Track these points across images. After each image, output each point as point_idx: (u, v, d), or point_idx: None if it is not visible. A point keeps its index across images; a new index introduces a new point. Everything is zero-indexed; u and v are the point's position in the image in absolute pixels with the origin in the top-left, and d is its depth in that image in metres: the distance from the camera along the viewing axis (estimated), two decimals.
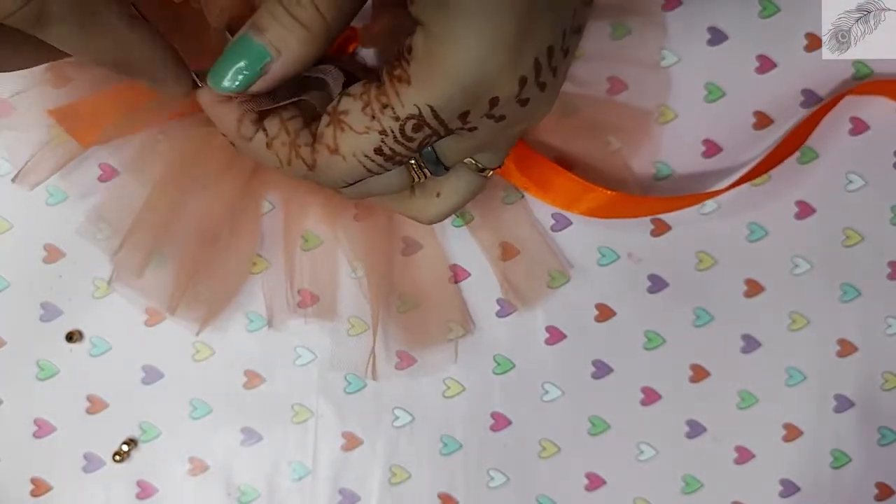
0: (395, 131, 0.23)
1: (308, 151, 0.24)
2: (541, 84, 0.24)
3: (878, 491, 0.39)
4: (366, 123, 0.23)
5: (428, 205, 0.29)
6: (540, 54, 0.23)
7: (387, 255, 0.37)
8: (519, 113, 0.24)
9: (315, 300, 0.37)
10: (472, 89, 0.23)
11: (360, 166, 0.24)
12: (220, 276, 0.36)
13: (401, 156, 0.24)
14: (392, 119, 0.23)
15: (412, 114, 0.23)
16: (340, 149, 0.24)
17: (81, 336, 0.37)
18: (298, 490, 0.38)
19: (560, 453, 0.39)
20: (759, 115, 0.38)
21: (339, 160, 0.24)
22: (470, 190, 0.29)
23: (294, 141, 0.25)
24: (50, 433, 0.38)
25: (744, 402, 0.39)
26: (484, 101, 0.23)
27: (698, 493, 0.39)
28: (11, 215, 0.37)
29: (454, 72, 0.22)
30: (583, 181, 0.36)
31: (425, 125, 0.23)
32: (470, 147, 0.26)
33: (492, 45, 0.22)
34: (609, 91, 0.37)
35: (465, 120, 0.24)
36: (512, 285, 0.38)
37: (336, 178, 0.25)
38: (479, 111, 0.23)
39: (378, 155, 0.24)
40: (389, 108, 0.23)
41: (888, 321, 0.39)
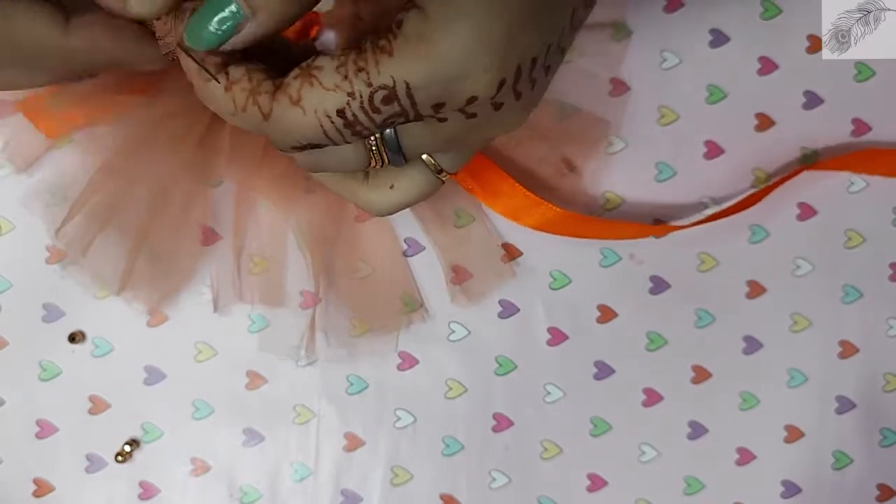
0: (363, 96, 0.23)
1: (267, 99, 0.24)
2: (517, 92, 0.24)
3: (880, 492, 0.39)
4: (336, 81, 0.23)
5: (380, 195, 0.29)
6: (523, 62, 0.23)
7: (335, 227, 0.37)
8: (491, 116, 0.24)
9: (260, 285, 0.37)
10: (452, 80, 0.23)
11: (317, 125, 0.23)
12: (170, 256, 0.36)
13: (362, 126, 0.24)
14: (364, 84, 0.23)
15: (386, 84, 0.23)
16: (303, 101, 0.23)
17: (84, 337, 0.37)
18: (300, 491, 0.38)
19: (562, 454, 0.39)
20: (760, 117, 0.38)
21: (299, 113, 0.23)
22: (424, 189, 0.29)
23: (255, 88, 0.24)
24: (52, 434, 0.38)
25: (745, 403, 0.39)
26: (461, 95, 0.23)
27: (700, 494, 0.39)
28: (13, 216, 0.37)
29: (440, 58, 0.22)
30: (532, 195, 0.36)
31: (396, 100, 0.23)
32: (434, 141, 0.26)
33: (482, 41, 0.22)
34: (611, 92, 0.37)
35: (437, 109, 0.23)
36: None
37: (289, 131, 0.24)
38: (454, 104, 0.23)
39: (339, 117, 0.23)
40: (364, 72, 0.23)
41: (889, 322, 0.39)
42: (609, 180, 0.38)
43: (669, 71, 0.38)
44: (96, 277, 0.36)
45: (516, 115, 0.25)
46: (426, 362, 0.38)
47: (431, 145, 0.26)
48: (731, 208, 0.37)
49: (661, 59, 0.38)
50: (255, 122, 0.24)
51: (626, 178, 0.38)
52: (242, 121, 0.24)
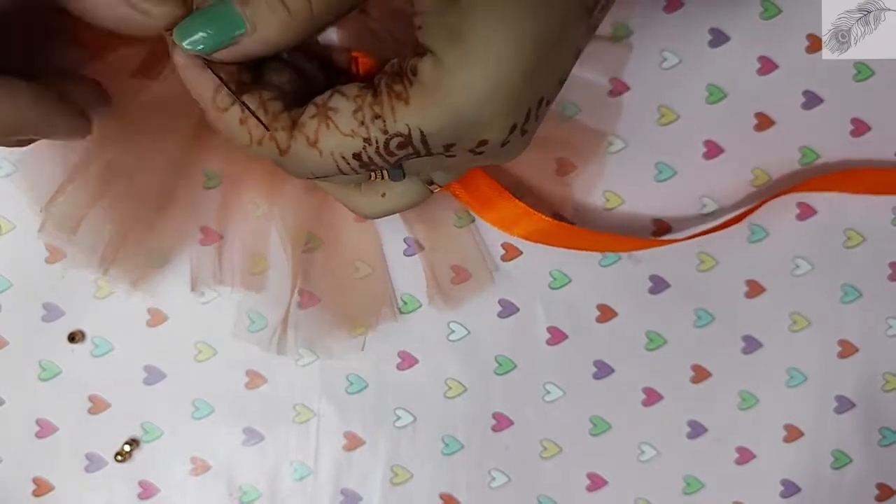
0: (379, 143, 0.23)
1: (284, 136, 0.24)
2: (524, 131, 0.24)
3: (879, 491, 0.40)
4: (353, 127, 0.23)
5: (371, 202, 0.29)
6: (532, 105, 0.24)
7: (320, 225, 0.37)
8: (496, 152, 0.25)
9: (242, 272, 0.37)
10: (466, 127, 0.23)
11: (333, 165, 0.24)
12: (156, 237, 0.36)
13: (376, 166, 0.24)
14: (380, 131, 0.23)
15: (401, 132, 0.23)
16: (320, 143, 0.24)
17: (83, 336, 0.37)
18: (300, 490, 0.38)
19: (561, 453, 0.39)
20: (760, 117, 0.38)
21: (315, 154, 0.24)
22: (414, 199, 0.29)
23: (272, 123, 0.24)
24: (52, 433, 0.38)
25: (745, 403, 0.39)
26: (474, 139, 0.23)
27: (699, 494, 0.39)
28: (13, 216, 0.37)
29: (455, 107, 0.22)
30: (522, 204, 0.36)
31: (410, 145, 0.23)
32: (437, 168, 0.26)
33: (497, 91, 0.22)
34: (611, 92, 0.37)
35: (448, 149, 0.24)
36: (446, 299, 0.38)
37: (306, 169, 0.25)
38: (465, 146, 0.24)
39: (355, 160, 0.24)
40: (381, 119, 0.23)
41: (889, 322, 0.39)
42: (609, 180, 0.38)
43: (669, 71, 0.38)
44: (86, 254, 0.35)
45: (518, 149, 0.26)
46: (426, 362, 0.38)
47: (433, 170, 0.27)
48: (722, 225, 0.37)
49: (661, 59, 0.38)
50: (272, 156, 0.24)
51: (626, 177, 0.38)
52: (257, 153, 0.25)
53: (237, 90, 0.24)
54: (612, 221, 0.38)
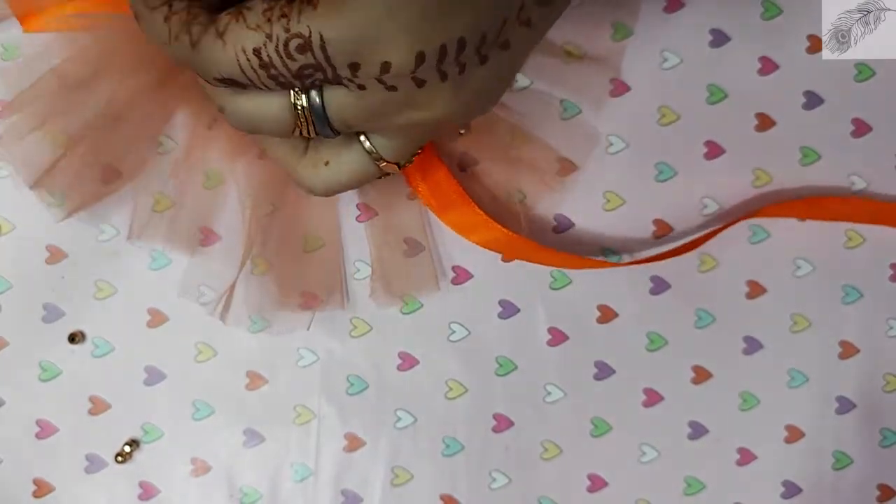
0: (279, 41, 0.23)
1: (199, 30, 0.24)
2: (442, 73, 0.24)
3: (880, 492, 0.39)
4: (259, 22, 0.24)
5: (315, 171, 0.29)
6: (449, 41, 0.23)
7: (280, 194, 0.36)
8: (414, 94, 0.24)
9: (217, 239, 0.37)
10: (365, 41, 0.23)
11: (234, 60, 0.24)
12: (106, 168, 0.35)
13: (277, 71, 0.24)
14: (283, 29, 0.23)
15: (302, 32, 0.23)
16: (226, 35, 0.24)
17: (84, 337, 0.37)
18: (301, 491, 0.38)
19: (562, 454, 0.39)
20: (760, 117, 0.38)
21: (220, 46, 0.24)
22: (358, 172, 0.29)
23: (191, 19, 0.24)
24: (52, 434, 0.38)
25: (745, 404, 0.39)
26: (375, 58, 0.23)
27: (700, 495, 0.39)
28: (13, 216, 0.37)
29: (355, 14, 0.22)
30: (480, 212, 0.35)
31: (310, 51, 0.23)
32: (359, 109, 0.26)
33: (400, 8, 0.22)
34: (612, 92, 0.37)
35: (354, 72, 0.24)
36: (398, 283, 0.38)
37: (211, 63, 0.25)
38: (370, 69, 0.24)
39: (255, 56, 0.24)
40: (286, 18, 0.23)
41: (889, 323, 0.39)
42: (609, 180, 0.38)
43: (669, 71, 0.38)
44: (22, 165, 0.35)
45: (445, 101, 0.25)
46: (426, 362, 0.38)
47: (357, 115, 0.26)
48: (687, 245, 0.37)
49: (662, 59, 0.38)
50: (184, 52, 0.25)
51: (627, 177, 0.38)
52: (174, 50, 0.25)
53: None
54: (613, 222, 0.38)
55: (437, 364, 0.38)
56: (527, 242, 0.36)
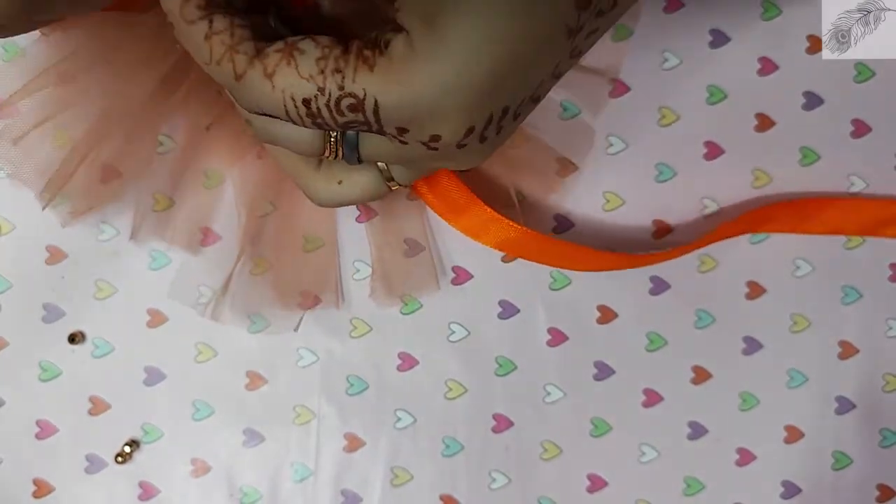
0: (332, 96, 0.23)
1: (244, 61, 0.24)
2: (483, 137, 0.24)
3: (880, 492, 0.40)
4: (312, 72, 0.23)
5: (326, 187, 0.29)
6: (495, 111, 0.23)
7: (276, 195, 0.36)
8: (452, 153, 0.25)
9: (217, 238, 0.37)
10: (422, 114, 0.23)
11: (281, 104, 0.24)
12: (106, 168, 0.35)
13: (323, 121, 0.24)
14: (337, 86, 0.23)
15: (356, 94, 0.23)
16: (276, 77, 0.23)
17: (84, 337, 0.37)
18: (300, 491, 0.38)
19: (562, 455, 0.39)
20: (760, 118, 0.38)
21: (268, 86, 0.23)
22: (370, 192, 0.29)
23: (234, 45, 0.24)
24: (52, 434, 0.38)
25: (745, 404, 0.39)
26: (426, 130, 0.23)
27: (700, 495, 0.39)
28: (13, 216, 0.37)
29: (415, 90, 0.22)
30: (490, 210, 0.35)
31: (361, 111, 0.23)
32: (392, 155, 0.26)
33: (459, 86, 0.22)
34: (612, 93, 0.37)
35: (400, 133, 0.24)
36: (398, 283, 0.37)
37: (255, 100, 0.24)
38: (418, 136, 0.24)
39: (304, 106, 0.23)
40: (341, 74, 0.23)
41: (889, 323, 0.39)
42: (609, 180, 0.38)
43: (669, 71, 0.38)
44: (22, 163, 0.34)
45: (477, 156, 0.25)
46: (426, 363, 0.38)
47: (388, 157, 0.26)
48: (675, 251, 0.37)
49: (662, 59, 0.38)
50: (227, 79, 0.24)
51: (626, 178, 0.38)
52: (214, 73, 0.24)
53: (206, 3, 0.24)
54: (613, 222, 0.38)
55: (437, 364, 0.38)
56: (543, 239, 0.36)
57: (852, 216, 0.38)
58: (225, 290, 0.36)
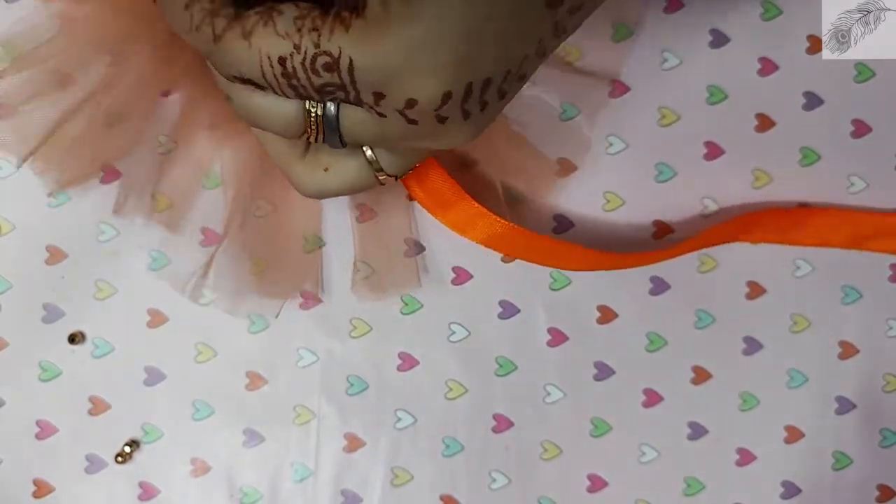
0: (307, 54, 0.23)
1: (223, 23, 0.24)
2: (464, 111, 0.24)
3: (880, 493, 0.40)
4: (289, 30, 0.23)
5: (312, 174, 0.29)
6: (475, 81, 0.23)
7: (264, 182, 0.36)
8: (432, 128, 0.24)
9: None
10: (393, 75, 0.23)
11: (258, 64, 0.24)
12: (95, 141, 0.35)
13: (299, 83, 0.24)
14: (312, 43, 0.23)
15: (331, 52, 0.23)
16: (252, 37, 0.23)
17: (83, 337, 0.37)
18: (301, 491, 0.38)
19: (562, 455, 0.39)
20: (760, 118, 0.38)
21: (245, 46, 0.23)
22: (356, 180, 0.29)
23: (215, 10, 0.24)
24: (52, 434, 0.38)
25: (745, 404, 0.39)
26: (401, 94, 0.23)
27: (700, 495, 0.39)
28: (13, 217, 0.37)
29: (387, 50, 0.22)
30: (478, 205, 0.35)
31: (336, 71, 0.23)
32: (373, 133, 0.26)
33: (432, 49, 0.22)
34: (611, 93, 0.37)
35: (377, 100, 0.24)
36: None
37: (233, 63, 0.24)
38: (394, 102, 0.24)
39: (280, 65, 0.23)
40: (317, 32, 0.23)
41: (889, 323, 0.39)
42: (609, 180, 0.38)
43: (669, 71, 0.38)
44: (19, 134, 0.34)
45: (461, 133, 0.25)
46: (426, 363, 0.38)
47: (370, 136, 0.26)
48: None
49: (662, 60, 0.38)
50: (206, 44, 0.24)
51: (626, 178, 0.38)
52: (195, 39, 0.24)
53: None
54: (613, 222, 0.38)
55: (437, 364, 0.38)
56: (530, 235, 0.35)
57: (841, 227, 0.38)
58: (206, 270, 0.36)
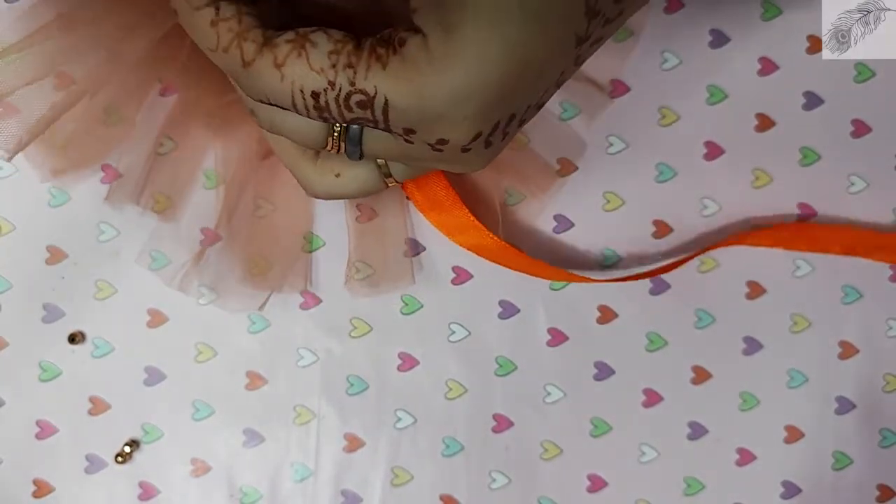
0: (342, 92, 0.23)
1: (253, 49, 0.23)
2: (488, 142, 0.24)
3: (880, 492, 0.40)
4: (323, 66, 0.23)
5: (322, 178, 0.29)
6: (503, 118, 0.24)
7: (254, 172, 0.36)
8: (456, 157, 0.25)
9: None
10: (429, 118, 0.23)
11: (289, 95, 0.24)
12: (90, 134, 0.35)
13: (330, 115, 0.24)
14: (348, 81, 0.23)
15: (367, 91, 0.23)
16: (285, 68, 0.23)
17: (84, 337, 0.37)
18: (300, 491, 0.38)
19: (562, 455, 0.39)
20: (760, 118, 0.38)
21: (277, 77, 0.23)
22: (366, 188, 0.29)
23: (242, 33, 0.23)
24: (52, 434, 0.38)
25: (745, 404, 0.39)
26: (434, 134, 0.23)
27: (700, 495, 0.39)
28: (13, 216, 0.37)
29: (426, 93, 0.22)
30: (472, 217, 0.35)
31: (370, 109, 0.23)
32: (395, 154, 0.26)
33: (470, 94, 0.22)
34: (612, 93, 0.37)
35: (407, 133, 0.24)
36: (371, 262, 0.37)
37: (262, 90, 0.24)
38: (424, 137, 0.24)
39: (313, 98, 0.23)
40: (353, 70, 0.23)
41: (889, 323, 0.39)
42: (609, 180, 0.38)
43: (669, 71, 0.38)
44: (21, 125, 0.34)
45: (480, 159, 0.25)
46: (426, 363, 0.38)
47: (391, 155, 0.26)
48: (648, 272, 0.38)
49: (662, 60, 0.38)
50: (233, 67, 0.24)
51: (626, 178, 0.38)
52: (220, 60, 0.24)
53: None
54: (613, 222, 0.38)
55: (437, 364, 0.38)
56: (518, 254, 0.36)
57: (841, 241, 0.38)
58: (197, 261, 0.36)
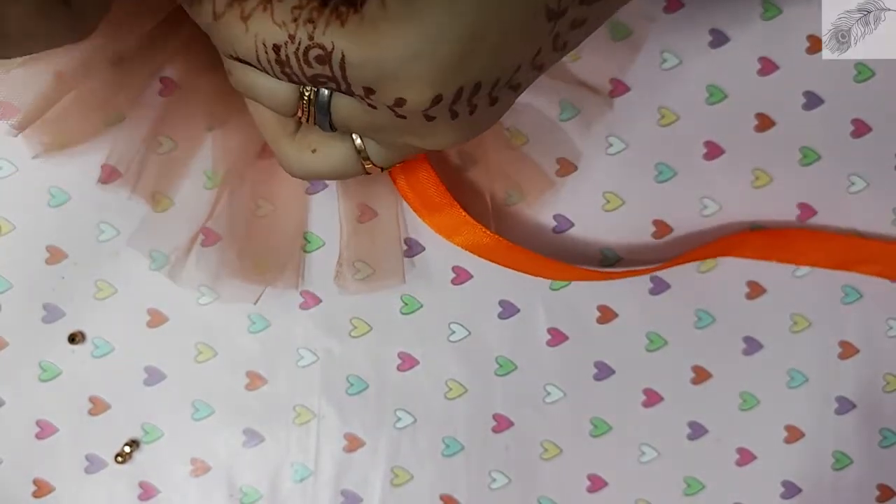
0: (301, 45, 0.23)
1: (224, 2, 0.24)
2: (452, 111, 0.24)
3: (880, 492, 0.40)
4: (285, 19, 0.23)
5: (300, 154, 0.29)
6: (466, 84, 0.23)
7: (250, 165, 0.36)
8: (420, 126, 0.25)
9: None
10: (385, 75, 0.23)
11: (253, 48, 0.24)
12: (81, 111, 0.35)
13: (292, 71, 0.24)
14: (306, 35, 0.23)
15: (324, 45, 0.23)
16: (250, 21, 0.24)
17: (84, 337, 0.37)
18: (300, 491, 0.38)
19: (562, 455, 0.39)
20: (760, 117, 0.38)
21: (242, 29, 0.24)
22: (343, 166, 0.29)
23: None
24: (52, 434, 0.38)
25: (745, 404, 0.39)
26: (391, 92, 0.23)
27: (700, 495, 0.39)
28: (13, 216, 0.37)
29: (380, 50, 0.22)
30: (465, 214, 0.35)
31: (328, 64, 0.23)
32: (363, 122, 0.26)
33: (424, 53, 0.22)
34: (611, 92, 0.37)
35: (367, 94, 0.24)
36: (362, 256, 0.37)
37: (229, 42, 0.24)
38: (384, 98, 0.24)
39: (274, 52, 0.24)
40: (312, 24, 0.23)
41: (889, 323, 0.39)
42: (609, 180, 0.38)
43: (669, 71, 0.38)
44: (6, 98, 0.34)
45: (450, 133, 0.25)
46: (426, 363, 0.38)
47: (359, 125, 0.26)
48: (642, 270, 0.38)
49: (661, 60, 0.38)
50: (206, 19, 0.24)
51: (626, 178, 0.38)
52: (195, 12, 0.24)
53: None
54: (612, 222, 0.38)
55: (437, 364, 0.38)
56: (513, 248, 0.36)
57: (830, 252, 0.38)
58: (188, 251, 0.36)
